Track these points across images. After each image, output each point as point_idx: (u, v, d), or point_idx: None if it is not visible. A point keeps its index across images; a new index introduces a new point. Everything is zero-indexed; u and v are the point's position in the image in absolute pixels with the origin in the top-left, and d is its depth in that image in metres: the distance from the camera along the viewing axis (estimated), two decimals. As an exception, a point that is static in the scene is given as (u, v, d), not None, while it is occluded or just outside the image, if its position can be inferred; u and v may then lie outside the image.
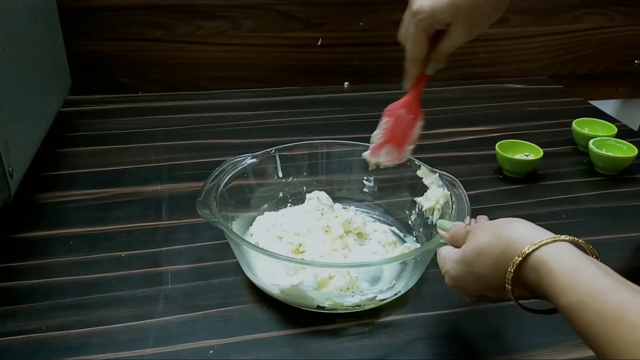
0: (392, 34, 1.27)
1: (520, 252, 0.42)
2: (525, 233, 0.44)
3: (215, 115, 1.07)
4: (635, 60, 1.38)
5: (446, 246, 0.53)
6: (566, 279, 0.39)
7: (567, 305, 0.39)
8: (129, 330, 0.58)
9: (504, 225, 0.46)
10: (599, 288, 0.38)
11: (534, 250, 0.42)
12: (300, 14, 1.16)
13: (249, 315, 0.60)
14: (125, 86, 1.16)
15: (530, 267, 0.42)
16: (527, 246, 0.42)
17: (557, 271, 0.40)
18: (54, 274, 0.65)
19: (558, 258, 0.41)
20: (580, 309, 0.38)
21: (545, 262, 0.41)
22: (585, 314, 0.37)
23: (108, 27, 1.10)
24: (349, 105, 1.13)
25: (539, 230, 0.44)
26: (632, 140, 0.94)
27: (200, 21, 1.13)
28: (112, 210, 0.77)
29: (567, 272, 0.40)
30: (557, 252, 0.41)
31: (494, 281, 0.46)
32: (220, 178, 0.67)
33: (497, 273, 0.45)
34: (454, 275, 0.50)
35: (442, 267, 0.52)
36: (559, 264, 0.40)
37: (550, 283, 0.40)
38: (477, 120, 1.08)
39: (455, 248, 0.52)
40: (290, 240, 0.65)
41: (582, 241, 0.44)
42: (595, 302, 0.37)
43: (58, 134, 0.96)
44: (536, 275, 0.42)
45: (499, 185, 0.87)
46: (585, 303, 0.38)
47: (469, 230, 0.50)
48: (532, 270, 0.42)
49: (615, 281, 0.38)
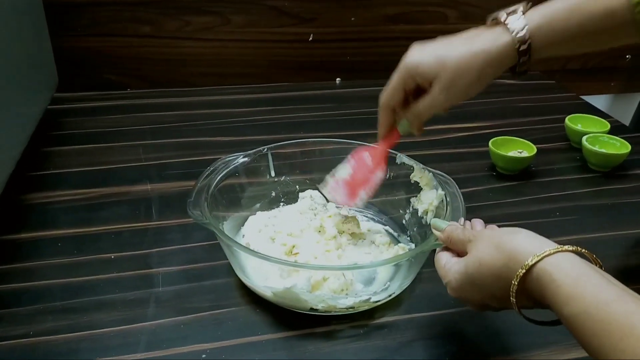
0: (384, 29, 1.26)
1: (523, 265, 0.42)
2: (527, 244, 0.43)
3: (205, 113, 1.05)
4: (627, 55, 1.38)
5: (444, 253, 0.53)
6: (570, 289, 0.39)
7: (570, 316, 0.38)
8: (120, 334, 0.57)
9: (505, 236, 0.46)
10: (604, 299, 0.37)
11: (537, 262, 0.41)
12: (291, 9, 1.15)
13: (241, 318, 0.59)
14: (113, 83, 1.14)
15: (534, 278, 0.41)
16: (530, 258, 0.41)
17: (560, 281, 0.40)
18: (42, 276, 0.64)
19: (561, 268, 0.40)
20: (584, 320, 0.37)
21: (549, 273, 0.40)
22: (588, 325, 0.37)
23: (95, 23, 1.08)
24: (341, 101, 1.12)
25: (541, 241, 0.43)
26: (625, 136, 0.93)
27: (188, 16, 1.11)
28: (101, 211, 0.76)
29: (571, 282, 0.39)
30: (560, 262, 0.41)
31: (497, 292, 0.45)
32: (211, 177, 0.66)
33: (500, 284, 0.44)
34: (456, 287, 0.49)
35: (443, 277, 0.51)
36: (562, 274, 0.40)
37: (553, 293, 0.40)
38: (470, 117, 1.07)
39: (452, 254, 0.52)
40: (284, 242, 0.64)
41: (586, 250, 0.43)
42: (600, 313, 0.37)
43: (45, 133, 0.94)
44: (540, 286, 0.41)
45: (493, 183, 0.86)
46: (589, 314, 0.37)
47: (469, 238, 0.49)
48: (535, 281, 0.41)
49: (620, 291, 0.38)
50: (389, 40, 1.22)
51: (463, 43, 0.57)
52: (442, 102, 0.58)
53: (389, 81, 0.61)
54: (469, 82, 0.57)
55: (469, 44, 0.57)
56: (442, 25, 1.24)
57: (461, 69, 0.56)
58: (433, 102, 0.58)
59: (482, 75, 0.57)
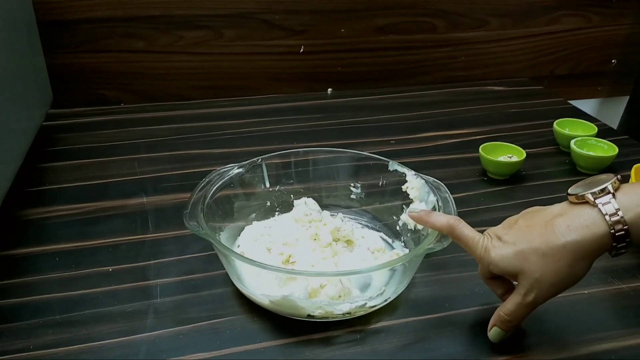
0: (374, 39, 1.28)
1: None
2: None
3: (199, 125, 1.06)
4: (613, 59, 1.41)
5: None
6: None
7: None
8: (119, 345, 0.57)
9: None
10: None
11: None
12: (282, 22, 1.16)
13: (240, 326, 0.60)
14: (106, 98, 1.15)
15: None
16: None
17: None
18: (41, 291, 0.64)
19: None
20: None
21: None
22: None
23: (88, 40, 1.09)
24: (333, 112, 1.14)
25: None
26: (612, 139, 0.95)
27: (181, 31, 1.13)
28: (98, 225, 0.76)
29: None
30: None
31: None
32: (206, 189, 0.67)
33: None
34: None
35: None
36: None
37: None
38: (460, 123, 1.09)
39: None
40: (281, 251, 0.65)
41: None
42: None
43: (40, 149, 0.95)
44: None
45: (484, 188, 0.88)
46: None
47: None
48: None
49: None
50: (379, 51, 1.24)
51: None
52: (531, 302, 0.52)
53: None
54: None
55: None
56: (431, 35, 1.26)
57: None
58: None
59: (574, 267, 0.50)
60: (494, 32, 1.29)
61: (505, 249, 0.52)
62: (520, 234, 0.52)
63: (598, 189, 0.49)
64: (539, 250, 0.50)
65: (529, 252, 0.50)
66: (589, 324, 0.61)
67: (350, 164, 0.77)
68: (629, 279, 0.68)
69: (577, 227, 0.49)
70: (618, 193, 0.49)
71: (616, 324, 0.62)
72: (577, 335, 0.60)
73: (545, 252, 0.49)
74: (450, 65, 1.30)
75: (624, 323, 0.62)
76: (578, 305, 0.64)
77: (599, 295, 0.66)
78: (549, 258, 0.49)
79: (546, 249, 0.49)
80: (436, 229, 0.59)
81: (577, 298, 0.65)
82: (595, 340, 0.59)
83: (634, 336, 0.60)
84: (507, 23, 1.29)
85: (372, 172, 0.76)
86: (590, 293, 0.66)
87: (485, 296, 0.63)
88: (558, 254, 0.49)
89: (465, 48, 1.29)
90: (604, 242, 0.48)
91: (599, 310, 0.64)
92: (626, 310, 0.64)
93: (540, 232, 0.50)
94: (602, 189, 0.49)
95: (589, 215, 0.49)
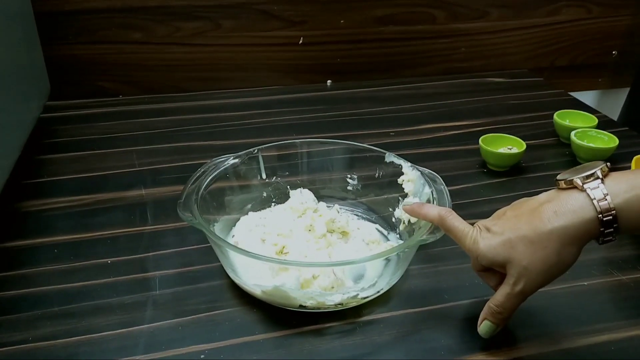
0: (373, 30, 1.28)
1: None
2: None
3: (197, 117, 1.06)
4: (613, 51, 1.40)
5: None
6: None
7: None
8: (118, 337, 0.57)
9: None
10: None
11: None
12: (281, 13, 1.16)
13: (238, 318, 0.60)
14: (105, 90, 1.14)
15: None
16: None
17: None
18: (40, 283, 0.64)
19: None
20: None
21: None
22: None
23: (85, 31, 1.09)
24: (332, 103, 1.13)
25: None
26: (612, 130, 0.95)
27: (179, 22, 1.12)
28: (96, 217, 0.76)
29: None
30: None
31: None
32: (201, 180, 0.67)
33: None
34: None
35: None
36: None
37: None
38: (460, 115, 1.08)
39: None
40: (275, 242, 0.64)
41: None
42: None
43: (38, 141, 0.94)
44: None
45: (484, 179, 0.87)
46: None
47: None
48: None
49: None
50: (379, 42, 1.23)
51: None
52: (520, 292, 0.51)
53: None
54: None
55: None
56: (431, 26, 1.25)
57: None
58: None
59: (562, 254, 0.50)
60: (494, 23, 1.29)
61: (493, 239, 0.51)
62: (508, 224, 0.51)
63: (587, 174, 0.49)
64: (526, 238, 0.49)
65: (516, 241, 0.50)
66: (589, 316, 0.61)
67: (347, 155, 0.77)
68: (628, 270, 0.68)
69: (565, 212, 0.48)
70: (607, 179, 0.49)
71: (616, 315, 0.62)
72: (576, 327, 0.59)
73: (532, 240, 0.49)
74: (450, 56, 1.30)
75: (624, 314, 0.62)
76: (578, 297, 0.64)
77: (599, 287, 0.66)
78: (537, 245, 0.49)
79: (533, 236, 0.49)
80: (428, 221, 0.59)
81: (576, 289, 0.64)
82: (595, 332, 0.59)
83: (633, 327, 0.60)
84: (507, 14, 1.28)
85: (368, 163, 0.75)
86: (590, 284, 0.66)
87: (480, 289, 0.62)
88: (545, 240, 0.48)
89: (465, 39, 1.28)
90: (592, 227, 0.48)
91: (599, 302, 0.64)
92: (626, 301, 0.64)
93: (527, 220, 0.50)
94: (591, 174, 0.49)
95: (576, 200, 0.48)
